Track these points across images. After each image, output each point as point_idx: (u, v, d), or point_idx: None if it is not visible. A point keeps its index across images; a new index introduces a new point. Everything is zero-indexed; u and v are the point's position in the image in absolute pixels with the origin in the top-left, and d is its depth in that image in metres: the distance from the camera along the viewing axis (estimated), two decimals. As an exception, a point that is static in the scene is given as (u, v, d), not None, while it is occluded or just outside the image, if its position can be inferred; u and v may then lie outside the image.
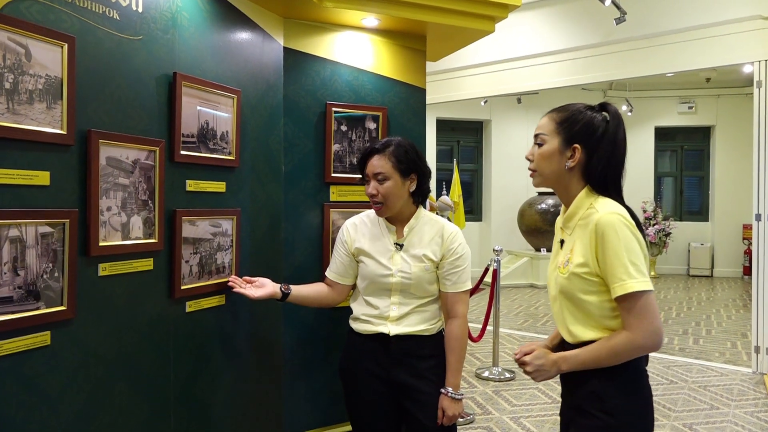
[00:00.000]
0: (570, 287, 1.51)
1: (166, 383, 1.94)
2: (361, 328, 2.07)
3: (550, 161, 1.56)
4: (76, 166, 1.63)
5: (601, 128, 1.54)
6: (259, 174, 2.39)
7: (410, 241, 2.03)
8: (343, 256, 2.12)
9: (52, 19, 1.55)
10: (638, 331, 1.42)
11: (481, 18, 2.73)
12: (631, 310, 1.42)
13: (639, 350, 1.45)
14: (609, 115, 1.55)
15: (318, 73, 2.62)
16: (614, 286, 1.43)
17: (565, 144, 1.54)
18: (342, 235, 2.15)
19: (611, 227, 1.43)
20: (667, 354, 5.52)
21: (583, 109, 1.57)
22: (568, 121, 1.55)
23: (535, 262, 9.86)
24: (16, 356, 1.48)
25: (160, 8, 1.90)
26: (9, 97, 1.44)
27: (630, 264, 1.42)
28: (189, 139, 2.02)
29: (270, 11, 2.45)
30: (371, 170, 1.99)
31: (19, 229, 1.47)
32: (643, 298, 1.41)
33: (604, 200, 1.52)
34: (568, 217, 1.57)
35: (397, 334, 2.00)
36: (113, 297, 1.75)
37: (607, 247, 1.43)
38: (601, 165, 1.52)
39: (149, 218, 1.86)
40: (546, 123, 1.59)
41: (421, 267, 2.00)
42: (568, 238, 1.57)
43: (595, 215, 1.47)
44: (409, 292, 2.01)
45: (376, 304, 2.03)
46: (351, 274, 2.13)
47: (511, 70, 8.13)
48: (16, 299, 1.47)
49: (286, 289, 2.09)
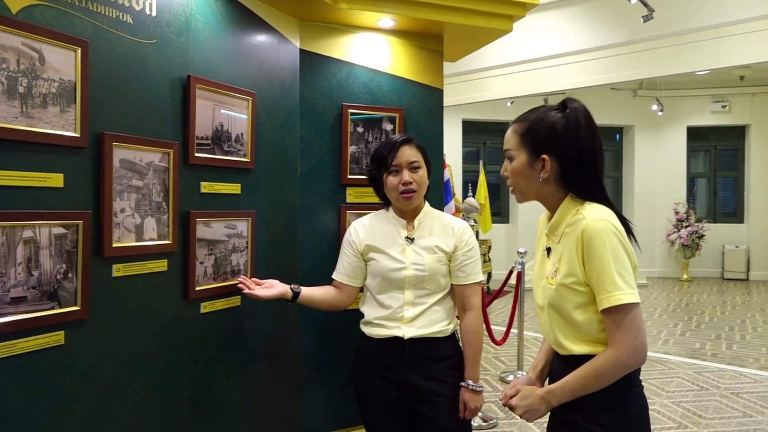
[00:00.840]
0: (559, 299, 1.44)
1: (180, 384, 1.96)
2: (373, 332, 2.05)
3: (523, 177, 1.50)
4: (90, 169, 1.66)
5: (563, 130, 1.44)
6: (274, 176, 2.40)
7: (420, 233, 2.05)
8: (350, 257, 2.12)
9: (65, 24, 1.58)
10: (622, 347, 1.36)
11: (499, 17, 2.70)
12: (616, 323, 1.36)
13: (623, 369, 1.38)
14: (568, 114, 1.45)
15: (334, 74, 2.62)
16: (601, 297, 1.37)
17: (532, 156, 1.47)
18: (349, 236, 2.14)
19: (598, 235, 1.36)
20: (698, 359, 5.38)
21: (543, 115, 1.47)
22: (531, 131, 1.47)
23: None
24: (30, 355, 1.51)
25: (173, 12, 1.92)
26: (23, 101, 1.47)
27: (617, 275, 1.35)
28: (203, 141, 2.03)
29: (286, 14, 2.46)
30: (406, 159, 2.02)
31: (33, 230, 1.50)
32: (630, 311, 1.35)
33: (591, 206, 1.44)
34: (553, 225, 1.50)
35: (411, 337, 1.98)
36: (127, 297, 1.77)
37: (593, 256, 1.37)
38: (573, 169, 1.44)
39: (163, 220, 1.88)
40: (510, 136, 1.52)
41: (434, 258, 2.00)
42: (556, 246, 1.50)
43: (582, 222, 1.40)
44: (423, 286, 2.00)
45: (389, 304, 2.01)
46: (359, 276, 2.13)
47: (537, 70, 8.05)
48: (30, 299, 1.50)
49: (296, 288, 2.09)
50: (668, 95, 10.84)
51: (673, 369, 5.08)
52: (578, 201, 1.46)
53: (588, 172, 1.45)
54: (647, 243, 11.07)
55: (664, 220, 10.86)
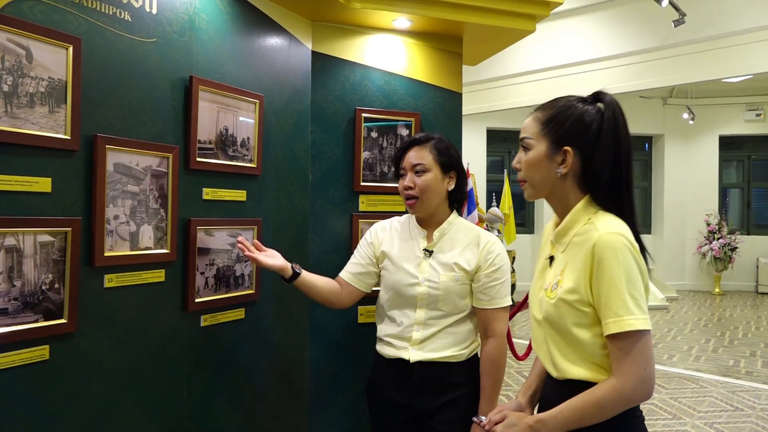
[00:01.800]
0: (557, 316, 1.29)
1: (178, 400, 1.85)
2: (383, 350, 1.92)
3: (538, 169, 1.34)
4: (81, 173, 1.57)
5: (596, 123, 1.30)
6: (283, 182, 2.29)
7: (440, 246, 1.86)
8: (363, 257, 1.97)
9: (56, 20, 1.50)
10: (628, 378, 1.20)
11: (522, 17, 2.56)
12: (624, 351, 1.20)
13: (627, 403, 1.23)
14: (603, 106, 1.31)
15: (347, 77, 2.51)
16: (608, 321, 1.21)
17: (553, 147, 1.32)
18: (369, 236, 2.00)
19: (612, 251, 1.21)
20: (732, 377, 5.12)
21: (572, 104, 1.33)
22: (555, 119, 1.32)
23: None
24: (12, 371, 1.41)
25: (176, 10, 1.83)
26: (7, 100, 1.39)
27: (629, 297, 1.20)
28: (206, 145, 1.94)
29: (297, 14, 2.36)
30: (409, 162, 1.86)
31: (16, 237, 1.41)
32: (639, 339, 1.20)
33: (606, 216, 1.29)
34: (561, 231, 1.35)
35: (419, 360, 1.82)
36: (120, 309, 1.67)
37: (603, 274, 1.21)
38: (603, 169, 1.29)
39: (161, 227, 1.79)
40: (530, 124, 1.37)
41: (451, 277, 1.81)
42: (560, 255, 1.35)
43: (594, 234, 1.25)
44: (437, 306, 1.83)
45: (399, 320, 1.87)
46: (365, 280, 1.98)
47: (564, 77, 7.87)
48: (11, 311, 1.41)
49: (297, 268, 1.90)
50: (700, 103, 10.53)
51: (705, 387, 4.84)
52: (593, 207, 1.32)
53: (623, 177, 1.30)
54: (677, 255, 10.75)
55: (695, 231, 10.53)
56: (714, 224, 10.20)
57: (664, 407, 4.35)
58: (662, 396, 4.61)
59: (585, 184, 1.33)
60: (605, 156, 1.28)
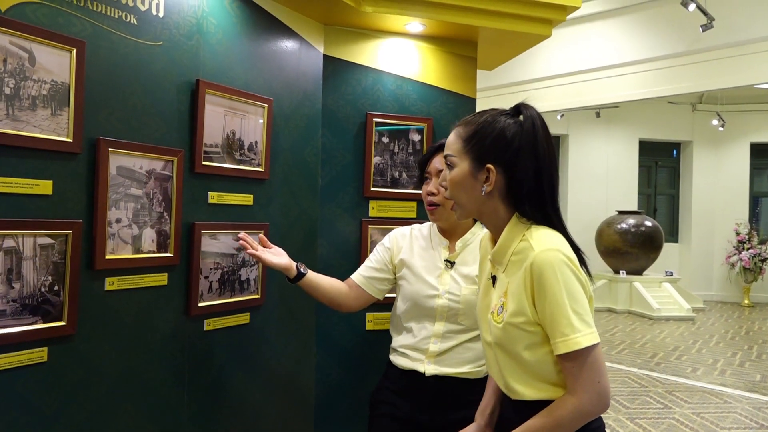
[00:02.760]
0: (506, 340, 1.25)
1: (179, 405, 1.84)
2: (397, 361, 1.85)
3: (463, 188, 1.29)
4: (84, 176, 1.57)
5: (517, 138, 1.24)
6: (292, 187, 2.28)
7: (463, 258, 1.80)
8: (379, 261, 1.90)
9: (61, 23, 1.50)
10: (584, 394, 1.18)
11: (538, 21, 2.51)
12: (576, 368, 1.18)
13: (586, 417, 1.21)
14: (522, 121, 1.26)
15: (359, 81, 2.49)
16: (557, 341, 1.18)
17: (476, 165, 1.27)
18: (387, 241, 1.92)
19: (550, 269, 1.17)
20: (758, 394, 4.97)
21: (492, 119, 1.28)
22: (477, 135, 1.27)
23: (613, 285, 9.31)
24: (9, 372, 1.42)
25: (183, 13, 1.83)
26: (9, 103, 1.39)
27: (573, 314, 1.16)
28: (212, 149, 1.93)
29: (309, 18, 2.35)
30: (434, 167, 1.80)
31: (15, 239, 1.41)
32: (589, 354, 1.18)
33: (539, 231, 1.24)
34: (498, 251, 1.30)
35: (434, 374, 1.76)
36: (121, 312, 1.67)
37: (546, 294, 1.18)
38: (524, 185, 1.24)
39: (164, 231, 1.78)
40: (453, 140, 1.32)
41: (473, 290, 1.74)
42: (501, 276, 1.30)
43: (530, 253, 1.21)
44: (457, 320, 1.76)
45: (416, 332, 1.80)
46: (377, 285, 1.90)
47: (588, 82, 7.77)
48: (9, 313, 1.41)
49: (303, 269, 1.82)
50: (730, 109, 10.29)
51: (730, 403, 4.70)
52: (525, 223, 1.27)
53: (545, 191, 1.26)
54: (705, 264, 10.52)
55: (723, 241, 10.28)
56: (744, 234, 9.95)
57: (686, 422, 4.24)
58: (684, 411, 4.50)
59: (510, 201, 1.28)
60: (525, 171, 1.24)
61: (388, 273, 1.90)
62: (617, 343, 6.97)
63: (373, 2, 2.29)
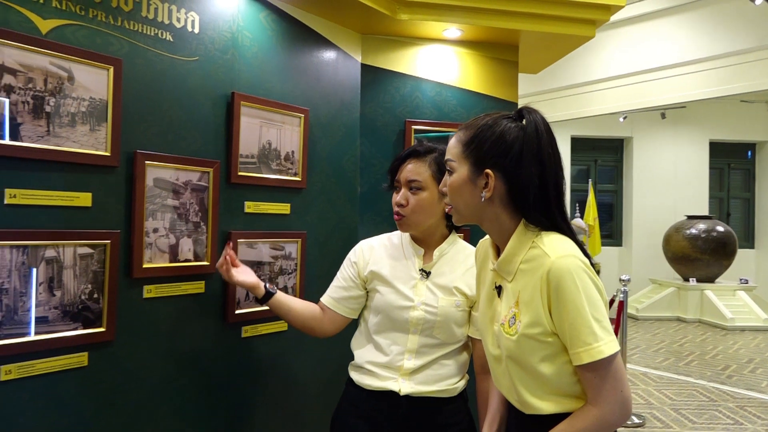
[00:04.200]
0: (520, 353, 1.19)
1: (217, 411, 1.89)
2: (363, 381, 1.65)
3: (461, 193, 1.24)
4: (122, 188, 1.64)
5: (518, 142, 1.19)
6: (330, 195, 2.30)
7: (439, 269, 1.66)
8: (345, 279, 1.74)
9: (99, 43, 1.58)
10: (607, 405, 1.13)
11: (580, 22, 2.44)
12: (599, 378, 1.13)
13: (608, 428, 1.16)
14: (524, 124, 1.21)
15: (398, 89, 2.49)
16: (578, 351, 1.12)
17: (475, 170, 1.22)
18: (353, 255, 1.76)
19: (568, 275, 1.12)
20: (840, 410, 4.62)
21: (493, 122, 1.23)
22: (475, 139, 1.22)
23: (683, 293, 8.89)
24: (51, 376, 1.49)
25: (218, 29, 1.88)
26: (49, 120, 1.47)
27: (594, 321, 1.11)
28: (248, 159, 1.98)
29: (346, 28, 2.38)
30: (405, 176, 1.65)
31: (56, 249, 1.49)
32: (611, 363, 1.13)
33: (551, 237, 1.18)
34: (504, 260, 1.24)
35: (409, 393, 1.59)
36: (158, 319, 1.73)
37: (565, 302, 1.12)
38: (529, 191, 1.18)
39: (201, 240, 1.83)
40: (453, 145, 1.27)
41: (451, 302, 1.62)
42: (509, 286, 1.24)
43: (545, 260, 1.15)
44: (432, 334, 1.62)
45: (387, 349, 1.64)
46: (348, 305, 1.73)
47: (652, 82, 7.49)
48: (51, 319, 1.49)
49: (272, 288, 1.71)
50: (811, 106, 9.67)
51: (808, 420, 4.39)
52: (533, 230, 1.21)
53: (551, 196, 1.20)
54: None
55: (805, 246, 9.65)
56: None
57: (756, 439, 3.99)
58: (757, 427, 4.23)
59: (513, 207, 1.23)
60: (528, 177, 1.18)
61: (357, 289, 1.73)
62: (686, 354, 6.64)
63: (408, 10, 2.29)
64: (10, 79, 1.40)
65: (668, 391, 5.12)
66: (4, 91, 1.39)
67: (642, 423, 4.21)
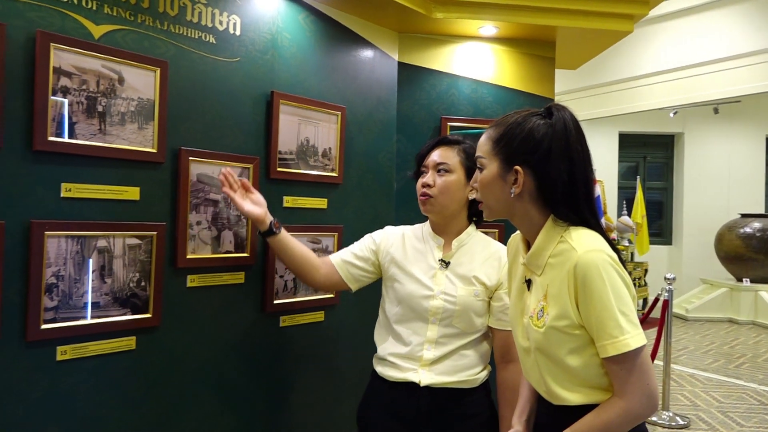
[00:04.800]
0: (548, 345, 1.22)
1: (255, 395, 1.98)
2: (386, 372, 1.69)
3: (491, 190, 1.28)
4: (167, 183, 1.74)
5: (547, 139, 1.21)
6: (366, 191, 2.36)
7: (459, 259, 1.70)
8: (362, 251, 1.79)
9: (146, 47, 1.68)
10: (634, 397, 1.16)
11: (618, 17, 2.43)
12: (625, 371, 1.15)
13: (635, 421, 1.18)
14: (553, 122, 1.23)
15: (434, 86, 2.53)
16: (604, 343, 1.15)
17: (504, 167, 1.25)
18: (376, 236, 1.82)
19: (595, 269, 1.15)
20: None
21: (522, 120, 1.26)
22: (505, 137, 1.25)
23: (735, 294, 8.60)
24: (102, 357, 1.60)
25: (259, 30, 1.97)
26: (101, 119, 1.58)
27: (621, 315, 1.14)
28: (287, 155, 2.06)
29: (383, 27, 2.43)
30: (432, 160, 1.70)
31: (107, 240, 1.60)
32: (638, 356, 1.15)
33: (579, 232, 1.21)
34: (534, 254, 1.27)
35: (429, 384, 1.62)
36: (201, 307, 1.83)
37: (592, 296, 1.15)
38: (557, 187, 1.21)
39: (241, 233, 1.92)
40: (483, 142, 1.31)
41: (470, 291, 1.65)
42: (538, 279, 1.27)
43: (573, 254, 1.18)
44: (451, 323, 1.65)
45: (408, 339, 1.67)
46: (352, 271, 1.77)
47: (704, 76, 7.28)
48: (102, 305, 1.60)
49: (277, 227, 1.72)
50: None
51: None
52: (561, 225, 1.24)
53: (580, 192, 1.23)
54: None
55: None
56: None
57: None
58: (808, 431, 4.09)
59: (542, 202, 1.26)
60: (557, 173, 1.21)
61: (368, 264, 1.78)
62: (737, 356, 6.44)
63: (444, 8, 2.32)
64: (67, 81, 1.51)
65: (716, 393, 4.99)
66: (61, 92, 1.50)
67: (687, 424, 4.13)
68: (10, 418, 1.44)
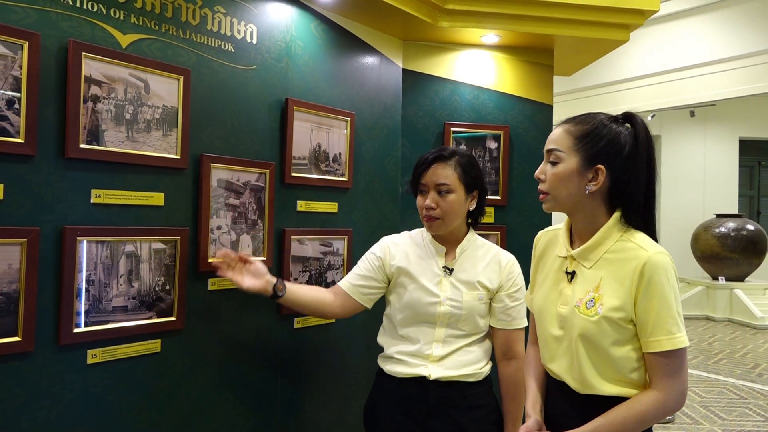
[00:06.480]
0: (597, 333, 1.29)
1: (273, 395, 2.02)
2: (394, 369, 1.76)
3: (566, 183, 1.33)
4: (190, 188, 1.77)
5: (629, 146, 1.30)
6: (373, 194, 2.42)
7: (461, 265, 1.77)
8: (368, 269, 1.83)
9: (170, 55, 1.71)
10: (670, 391, 1.26)
11: (615, 27, 2.53)
12: (671, 366, 1.26)
13: (665, 414, 1.28)
14: (636, 130, 1.32)
15: (437, 93, 2.60)
16: (660, 338, 1.24)
17: (586, 164, 1.31)
18: (378, 251, 1.85)
19: (663, 270, 1.25)
20: None
21: (607, 122, 1.33)
22: (590, 136, 1.31)
23: (711, 292, 8.84)
24: (129, 360, 1.63)
25: (274, 39, 2.01)
26: (129, 127, 1.61)
27: (678, 315, 1.25)
28: (301, 161, 2.10)
29: (389, 35, 2.49)
30: (433, 179, 1.72)
31: (135, 245, 1.63)
32: (684, 354, 1.27)
33: (641, 235, 1.31)
34: (588, 248, 1.35)
35: (438, 378, 1.70)
36: (221, 310, 1.87)
37: (655, 294, 1.24)
38: (638, 192, 1.30)
39: (258, 237, 1.97)
40: (562, 137, 1.34)
41: (474, 295, 1.73)
42: (588, 272, 1.35)
43: (641, 253, 1.27)
44: (458, 326, 1.73)
45: (415, 338, 1.75)
46: (364, 292, 1.82)
47: (681, 81, 7.48)
48: (130, 308, 1.63)
49: (281, 290, 1.72)
50: (844, 103, 9.53)
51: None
52: (622, 225, 1.34)
53: (649, 198, 1.33)
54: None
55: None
56: None
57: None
58: (787, 424, 4.25)
59: (613, 202, 1.34)
60: (639, 178, 1.30)
61: (377, 281, 1.83)
62: (715, 352, 6.64)
63: (449, 18, 2.39)
64: (96, 89, 1.54)
65: (697, 388, 5.15)
66: (91, 100, 1.53)
67: (672, 419, 4.26)
68: (45, 420, 1.47)
